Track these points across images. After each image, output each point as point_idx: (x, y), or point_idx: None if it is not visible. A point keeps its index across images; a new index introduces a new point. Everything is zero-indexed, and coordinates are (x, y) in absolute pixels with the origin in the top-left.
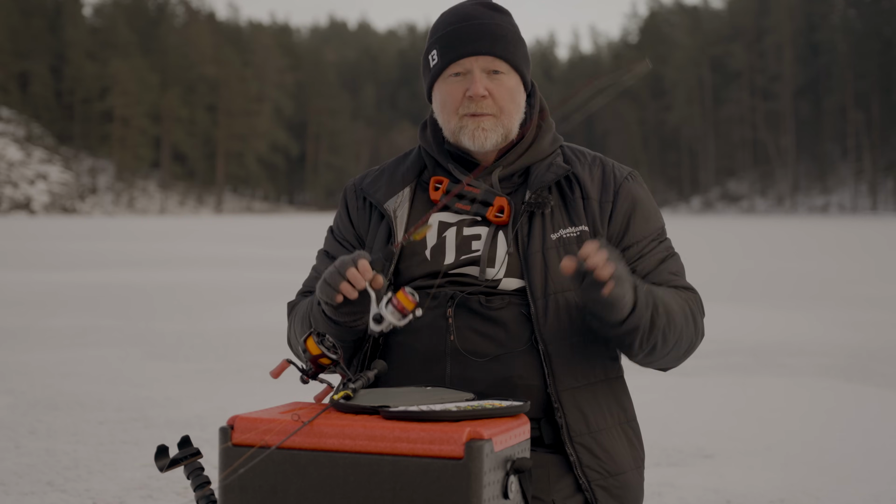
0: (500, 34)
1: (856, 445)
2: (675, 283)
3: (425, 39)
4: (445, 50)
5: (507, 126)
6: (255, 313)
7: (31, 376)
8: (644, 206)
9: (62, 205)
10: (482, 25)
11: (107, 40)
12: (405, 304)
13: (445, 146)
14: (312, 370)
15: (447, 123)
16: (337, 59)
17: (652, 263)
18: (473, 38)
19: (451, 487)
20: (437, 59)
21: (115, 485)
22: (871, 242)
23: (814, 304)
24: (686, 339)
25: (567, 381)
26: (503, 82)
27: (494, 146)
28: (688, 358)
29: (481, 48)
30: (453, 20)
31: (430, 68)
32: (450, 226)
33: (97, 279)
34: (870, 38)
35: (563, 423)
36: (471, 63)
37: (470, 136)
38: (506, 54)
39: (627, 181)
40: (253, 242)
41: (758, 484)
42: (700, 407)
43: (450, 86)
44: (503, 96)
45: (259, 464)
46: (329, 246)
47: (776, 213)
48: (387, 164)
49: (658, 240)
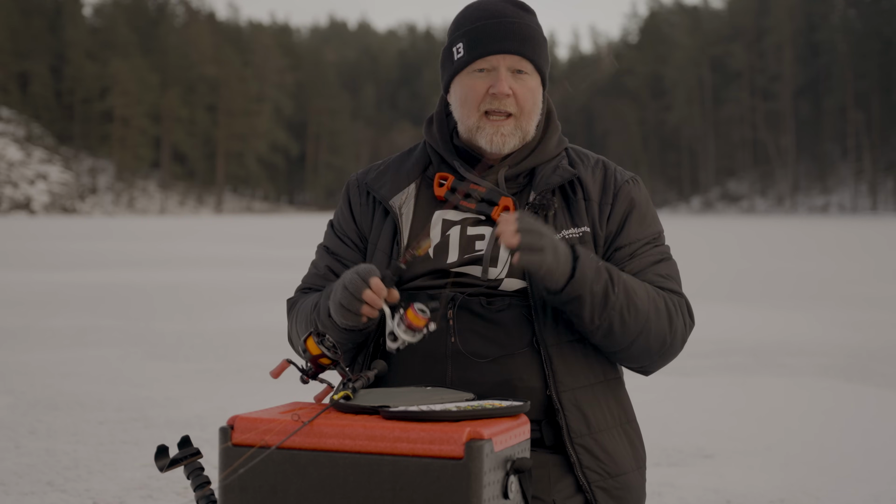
0: (529, 35)
1: (856, 445)
2: (662, 284)
3: (425, 40)
4: (473, 45)
5: (525, 129)
6: (255, 313)
7: (31, 376)
8: (641, 209)
9: (62, 205)
10: (512, 24)
11: (107, 40)
12: (415, 322)
13: (453, 142)
14: (312, 370)
15: (466, 118)
16: (337, 59)
17: (642, 265)
18: (502, 37)
19: (451, 487)
20: (464, 53)
21: (115, 485)
22: (871, 242)
23: (813, 304)
24: (656, 333)
25: (567, 381)
26: (526, 82)
27: (512, 150)
28: (666, 360)
29: (510, 47)
30: (482, 16)
31: (454, 61)
32: (454, 224)
33: (97, 279)
34: (870, 38)
35: (564, 424)
36: (497, 61)
37: (488, 140)
38: (533, 55)
39: (628, 184)
40: (253, 242)
41: (758, 484)
42: (700, 407)
43: (474, 80)
44: (526, 97)
45: (259, 464)
46: (329, 241)
47: (776, 213)
48: (391, 158)
49: (653, 244)
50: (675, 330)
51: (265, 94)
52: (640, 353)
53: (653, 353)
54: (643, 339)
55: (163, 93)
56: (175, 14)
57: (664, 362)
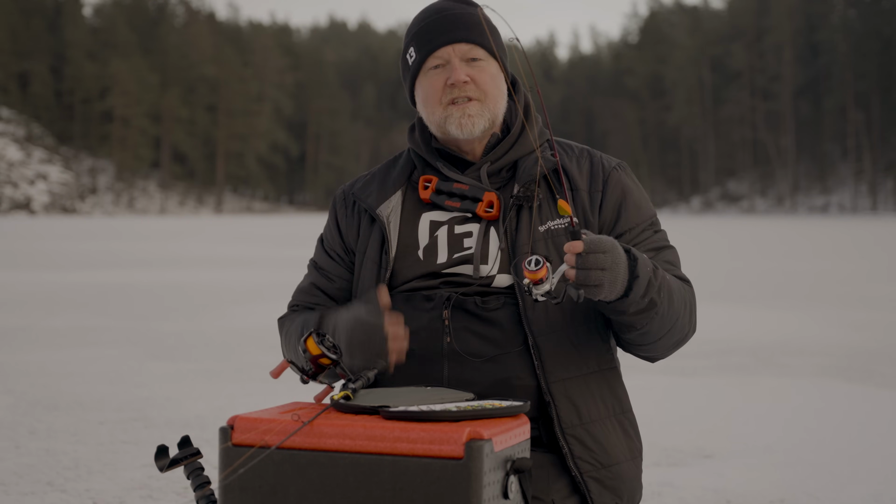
0: (474, 22)
1: (856, 445)
2: (673, 272)
3: None
4: (421, 44)
5: (492, 111)
6: (256, 313)
7: (31, 376)
8: (634, 194)
9: (62, 205)
10: (455, 16)
11: (107, 40)
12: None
13: (433, 144)
14: (312, 370)
15: (432, 116)
16: (337, 59)
17: (647, 253)
18: (448, 28)
19: (451, 487)
20: (415, 55)
21: (115, 485)
22: (871, 242)
23: (813, 304)
24: (679, 329)
25: (558, 372)
26: (484, 68)
27: (482, 132)
28: (677, 349)
29: (457, 36)
30: (425, 16)
31: (409, 66)
32: (441, 224)
33: (97, 279)
34: (870, 38)
35: (555, 416)
36: (448, 53)
37: (457, 125)
38: (483, 41)
39: (616, 171)
40: (253, 242)
41: (758, 484)
42: (700, 407)
43: (430, 79)
44: (486, 81)
45: (259, 464)
46: (318, 257)
47: (776, 213)
48: (377, 169)
49: (652, 228)
50: (692, 323)
51: (265, 94)
52: (660, 348)
53: (671, 347)
54: (668, 336)
55: (163, 93)
56: (175, 14)
57: (675, 350)
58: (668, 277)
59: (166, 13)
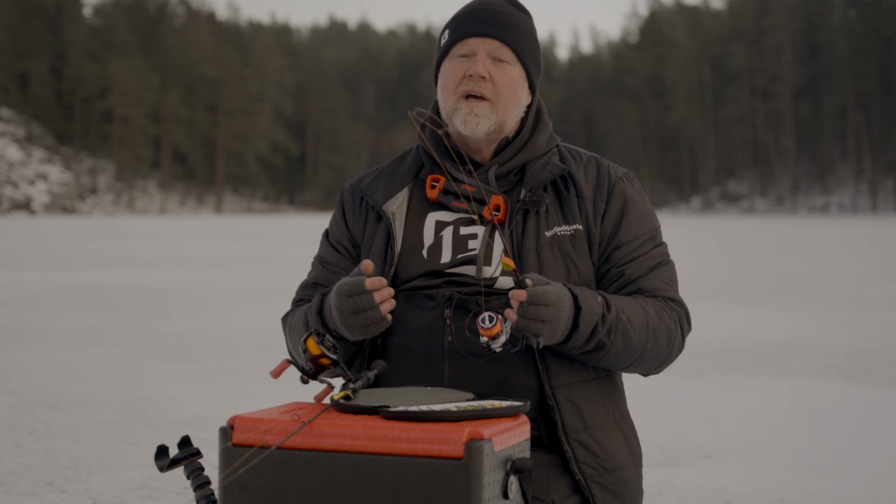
0: (513, 24)
1: (856, 445)
2: (665, 293)
3: (425, 40)
4: (455, 28)
5: (501, 115)
6: (255, 313)
7: (31, 376)
8: (637, 206)
9: (62, 205)
10: (496, 12)
11: (107, 40)
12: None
13: (443, 143)
14: (312, 370)
15: (445, 101)
16: (337, 59)
17: (643, 269)
18: (483, 21)
19: (451, 487)
20: (447, 38)
21: (115, 485)
22: (871, 242)
23: (814, 303)
24: (649, 359)
25: (562, 377)
26: (506, 71)
27: (485, 133)
28: (660, 371)
29: (489, 31)
30: (472, 4)
31: (440, 47)
32: (446, 225)
33: (97, 279)
34: (870, 38)
35: (559, 420)
36: (476, 45)
37: (462, 120)
38: (514, 44)
39: (622, 181)
40: (253, 242)
41: (758, 484)
42: (699, 407)
43: (454, 64)
44: (504, 84)
45: (259, 464)
46: (324, 251)
47: (776, 213)
48: (385, 165)
49: (651, 243)
50: (672, 349)
51: (265, 94)
52: (633, 371)
53: (648, 370)
54: (635, 366)
55: (163, 93)
56: (175, 14)
57: (658, 371)
58: (632, 315)
59: (166, 13)
